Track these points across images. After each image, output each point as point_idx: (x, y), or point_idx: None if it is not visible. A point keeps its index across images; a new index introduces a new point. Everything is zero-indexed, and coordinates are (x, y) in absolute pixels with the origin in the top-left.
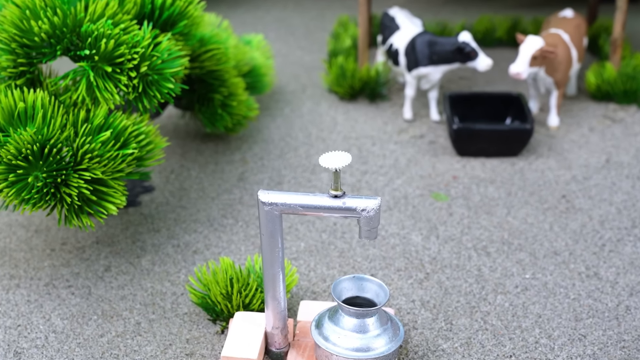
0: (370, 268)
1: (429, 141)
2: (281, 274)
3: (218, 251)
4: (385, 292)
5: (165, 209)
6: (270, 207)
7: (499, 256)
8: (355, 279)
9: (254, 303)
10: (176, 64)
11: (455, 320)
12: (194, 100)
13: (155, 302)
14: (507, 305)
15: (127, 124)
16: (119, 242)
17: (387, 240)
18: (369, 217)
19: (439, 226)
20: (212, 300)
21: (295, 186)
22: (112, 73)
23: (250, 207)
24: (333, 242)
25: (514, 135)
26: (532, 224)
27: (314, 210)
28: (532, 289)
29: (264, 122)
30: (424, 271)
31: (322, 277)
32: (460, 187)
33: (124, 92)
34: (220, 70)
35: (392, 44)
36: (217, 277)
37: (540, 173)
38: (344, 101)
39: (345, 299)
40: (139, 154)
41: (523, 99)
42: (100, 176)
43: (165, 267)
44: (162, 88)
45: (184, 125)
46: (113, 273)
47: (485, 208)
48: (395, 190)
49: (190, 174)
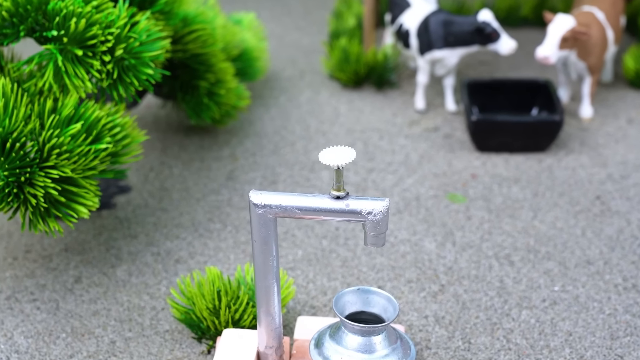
0: (377, 279)
1: (444, 135)
2: (276, 286)
3: (204, 260)
4: (394, 306)
5: (144, 211)
6: (264, 209)
7: (524, 266)
8: (360, 292)
9: (245, 319)
10: (156, 46)
11: (474, 339)
12: (177, 88)
13: (132, 318)
14: (533, 322)
15: (100, 115)
16: (90, 249)
17: (397, 248)
18: (375, 221)
19: (455, 231)
20: (197, 316)
21: (291, 186)
22: (83, 57)
23: (241, 210)
24: (335, 250)
25: (541, 127)
26: (561, 229)
27: (313, 213)
28: (562, 303)
29: (257, 113)
30: (438, 283)
31: (322, 289)
32: (480, 187)
33: (97, 79)
34: (206, 54)
35: (402, 24)
36: (203, 290)
37: (571, 171)
38: (348, 89)
39: (349, 315)
40: (113, 149)
41: (551, 86)
42: (70, 174)
43: (144, 278)
44: (140, 74)
45: (165, 117)
46: (84, 285)
47: (509, 211)
48: (405, 191)
49: (172, 172)
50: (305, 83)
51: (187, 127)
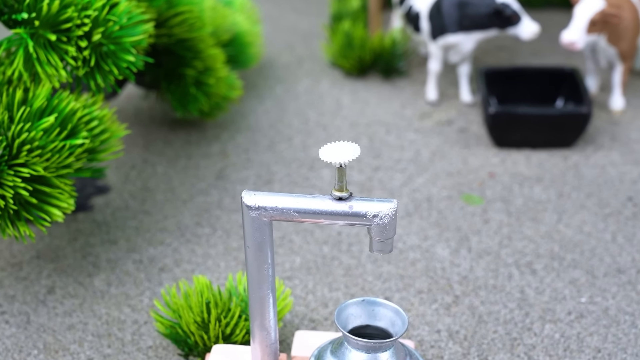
0: (384, 290)
1: (458, 129)
2: (271, 297)
3: (191, 268)
4: (402, 319)
5: (125, 214)
6: (258, 212)
7: (548, 275)
8: (365, 304)
9: (237, 334)
10: (138, 30)
11: (491, 356)
12: (161, 77)
13: (112, 333)
14: (558, 337)
15: (76, 107)
16: (65, 256)
17: (406, 255)
18: (382, 225)
19: (471, 237)
20: (184, 331)
21: (289, 186)
22: (56, 42)
23: (232, 213)
24: (337, 257)
25: (567, 121)
26: (589, 234)
27: (312, 216)
28: (590, 316)
29: (250, 105)
30: (452, 293)
31: (322, 301)
32: (499, 187)
33: (72, 67)
34: (193, 39)
35: (411, 6)
36: (190, 301)
37: (600, 169)
38: (351, 78)
39: (353, 329)
40: (90, 145)
41: (578, 75)
42: (42, 173)
43: (124, 289)
44: (120, 61)
45: (148, 109)
46: (58, 296)
47: (530, 214)
48: (415, 191)
49: (156, 170)
50: (303, 71)
51: (173, 120)
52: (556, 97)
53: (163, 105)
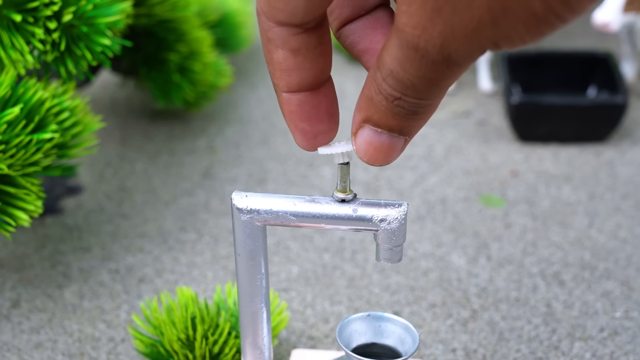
0: (392, 303)
1: (477, 121)
2: (265, 312)
3: (174, 279)
4: (413, 337)
5: (99, 218)
6: (250, 215)
7: (577, 286)
8: (371, 319)
9: (227, 352)
10: (114, 10)
11: None
12: (140, 63)
13: (85, 352)
14: (589, 357)
15: (44, 96)
16: (32, 265)
17: (417, 264)
18: (390, 231)
19: (491, 243)
20: (166, 349)
21: (285, 186)
22: (22, 23)
23: (221, 216)
24: (339, 266)
25: (600, 112)
26: (624, 240)
27: (312, 221)
28: (625, 333)
29: (240, 94)
30: (469, 307)
31: (323, 315)
32: (522, 186)
33: (40, 51)
34: (176, 20)
35: None
36: (173, 316)
37: (638, 167)
38: (355, 63)
39: (357, 347)
40: (61, 140)
41: (613, 60)
42: (6, 171)
43: (99, 302)
44: (94, 45)
45: (126, 99)
46: (24, 310)
47: (558, 217)
48: (428, 192)
49: (135, 168)
50: None
51: (153, 111)
52: (588, 86)
53: (142, 95)
